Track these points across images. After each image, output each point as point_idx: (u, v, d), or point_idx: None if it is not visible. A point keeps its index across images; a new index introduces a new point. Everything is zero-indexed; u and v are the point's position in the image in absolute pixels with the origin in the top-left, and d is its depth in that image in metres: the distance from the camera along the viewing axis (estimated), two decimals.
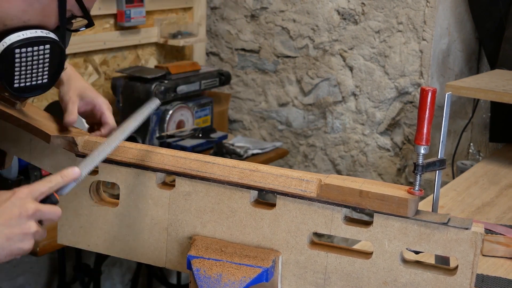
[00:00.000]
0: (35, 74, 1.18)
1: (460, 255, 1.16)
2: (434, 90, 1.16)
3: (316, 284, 1.26)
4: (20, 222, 1.05)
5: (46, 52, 1.17)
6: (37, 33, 1.15)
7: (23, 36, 1.14)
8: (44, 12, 1.16)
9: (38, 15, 1.15)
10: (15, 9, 1.13)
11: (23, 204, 1.06)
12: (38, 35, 1.15)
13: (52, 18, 1.17)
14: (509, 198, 2.20)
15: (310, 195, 1.23)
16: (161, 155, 1.33)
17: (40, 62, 1.17)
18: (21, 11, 1.13)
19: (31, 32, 1.15)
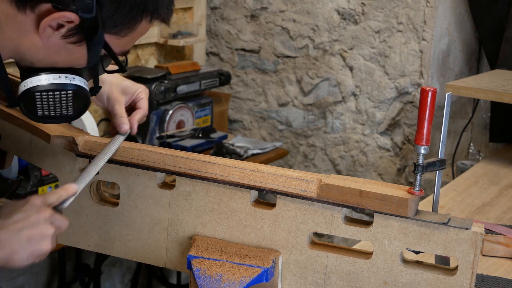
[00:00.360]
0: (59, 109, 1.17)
1: (460, 255, 1.16)
2: (434, 90, 1.17)
3: (316, 284, 1.26)
4: (38, 224, 1.08)
5: (69, 96, 1.15)
6: (60, 78, 1.14)
7: (45, 82, 1.13)
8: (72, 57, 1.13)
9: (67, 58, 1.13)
10: (42, 55, 1.12)
11: (39, 208, 1.10)
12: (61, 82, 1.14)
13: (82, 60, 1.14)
14: (509, 198, 2.20)
15: (310, 195, 1.23)
16: (161, 155, 1.33)
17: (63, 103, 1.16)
18: (47, 56, 1.12)
19: (54, 77, 1.13)
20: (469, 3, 3.02)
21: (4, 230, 1.06)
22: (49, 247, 1.09)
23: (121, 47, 1.16)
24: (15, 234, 1.06)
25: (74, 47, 1.11)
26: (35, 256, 1.08)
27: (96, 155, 1.31)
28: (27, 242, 1.07)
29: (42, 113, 1.16)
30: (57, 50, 1.11)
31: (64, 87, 1.14)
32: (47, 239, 1.09)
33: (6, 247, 1.05)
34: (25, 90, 1.13)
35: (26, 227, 1.07)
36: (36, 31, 1.08)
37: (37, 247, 1.08)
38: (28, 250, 1.07)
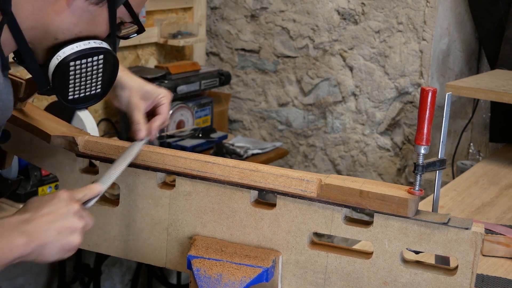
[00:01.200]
0: (89, 85, 1.16)
1: (460, 255, 1.16)
2: (434, 90, 1.17)
3: (316, 284, 1.26)
4: (67, 217, 1.08)
5: (100, 63, 1.15)
6: (90, 44, 1.13)
7: (77, 49, 1.12)
8: (94, 22, 1.13)
9: (89, 25, 1.13)
10: (66, 23, 1.11)
11: (68, 202, 1.09)
12: (92, 46, 1.13)
13: (103, 26, 1.15)
14: (509, 198, 2.20)
15: (310, 195, 1.23)
16: (161, 155, 1.33)
17: (94, 72, 1.16)
18: (72, 24, 1.11)
19: (85, 44, 1.13)
20: (469, 3, 3.02)
21: (34, 223, 1.05)
22: (78, 241, 1.09)
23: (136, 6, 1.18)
24: (46, 226, 1.05)
25: (97, 9, 1.11)
26: (65, 250, 1.08)
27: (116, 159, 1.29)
28: (57, 235, 1.06)
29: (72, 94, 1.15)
30: (81, 14, 1.11)
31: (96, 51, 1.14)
32: (77, 233, 1.08)
33: (37, 240, 1.04)
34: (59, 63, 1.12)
35: (55, 220, 1.06)
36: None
37: (67, 240, 1.07)
38: (58, 244, 1.06)
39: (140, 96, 1.41)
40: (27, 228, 1.04)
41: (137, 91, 1.41)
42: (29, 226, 1.04)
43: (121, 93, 1.41)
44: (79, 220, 1.09)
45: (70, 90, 1.15)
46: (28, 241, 1.03)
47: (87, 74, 1.15)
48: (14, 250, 1.02)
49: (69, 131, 1.41)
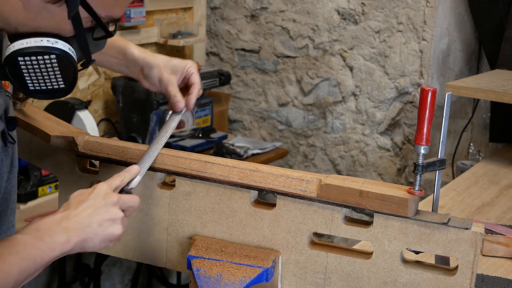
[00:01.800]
0: (48, 80, 1.14)
1: (460, 255, 1.16)
2: (434, 90, 1.16)
3: (316, 284, 1.26)
4: (107, 209, 1.11)
5: (53, 61, 1.12)
6: (42, 42, 1.10)
7: (26, 45, 1.10)
8: (55, 20, 1.10)
9: (49, 22, 1.10)
10: (23, 17, 1.09)
11: (106, 194, 1.12)
12: (42, 45, 1.10)
13: (67, 25, 1.11)
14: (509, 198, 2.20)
15: (310, 195, 1.23)
16: (161, 155, 1.33)
17: (50, 69, 1.12)
18: (29, 19, 1.09)
19: (36, 41, 1.10)
20: (469, 3, 3.02)
21: (76, 219, 1.08)
22: (120, 231, 1.12)
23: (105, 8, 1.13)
24: (86, 221, 1.08)
25: (54, 7, 1.08)
26: (108, 240, 1.11)
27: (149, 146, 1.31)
28: (98, 228, 1.09)
29: (32, 85, 1.13)
30: (37, 11, 1.09)
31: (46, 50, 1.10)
32: (117, 223, 1.11)
33: (78, 236, 1.07)
34: (7, 55, 1.10)
35: (95, 214, 1.09)
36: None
37: (108, 232, 1.10)
38: (100, 236, 1.10)
39: (169, 71, 1.43)
40: (68, 225, 1.07)
41: (165, 66, 1.43)
42: (70, 223, 1.07)
43: (150, 73, 1.43)
44: (118, 210, 1.12)
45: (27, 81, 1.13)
46: (69, 238, 1.06)
47: (42, 69, 1.12)
48: (56, 248, 1.05)
49: (69, 131, 1.41)
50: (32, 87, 1.14)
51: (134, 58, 1.46)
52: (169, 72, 1.43)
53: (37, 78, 1.13)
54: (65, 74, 1.14)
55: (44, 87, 1.14)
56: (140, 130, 2.86)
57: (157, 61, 1.43)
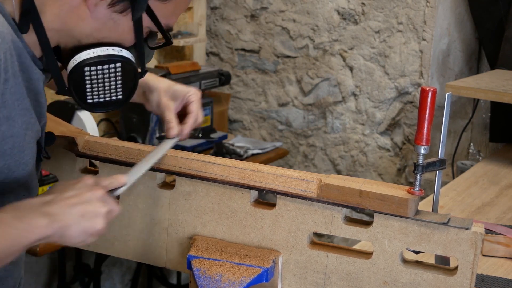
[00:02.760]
0: (108, 91, 1.17)
1: (460, 255, 1.16)
2: (434, 90, 1.17)
3: (316, 284, 1.26)
4: (91, 201, 1.07)
5: (118, 70, 1.15)
6: (108, 51, 1.14)
7: (93, 54, 1.13)
8: (118, 30, 1.14)
9: (113, 32, 1.14)
10: (88, 28, 1.12)
11: (92, 188, 1.09)
12: (109, 53, 1.14)
13: (128, 35, 1.15)
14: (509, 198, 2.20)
15: (310, 195, 1.23)
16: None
17: (112, 79, 1.16)
18: (94, 29, 1.12)
19: (102, 50, 1.13)
20: (469, 3, 3.02)
21: (56, 205, 1.05)
22: (102, 226, 1.08)
23: (166, 17, 1.17)
24: (68, 209, 1.05)
25: (120, 17, 1.12)
26: (88, 233, 1.07)
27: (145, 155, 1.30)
28: (80, 218, 1.05)
29: (91, 98, 1.16)
30: (104, 21, 1.12)
31: (113, 58, 1.14)
32: (100, 217, 1.08)
33: (58, 221, 1.04)
34: (74, 67, 1.13)
35: (79, 203, 1.06)
36: (83, 2, 1.10)
37: (90, 224, 1.06)
38: (81, 226, 1.06)
39: (169, 96, 1.42)
40: (49, 209, 1.04)
41: (166, 91, 1.42)
42: (51, 208, 1.04)
43: (150, 96, 1.43)
44: (102, 204, 1.08)
45: (88, 93, 1.15)
46: (50, 222, 1.03)
47: (105, 80, 1.15)
48: (35, 231, 1.01)
49: (69, 131, 1.41)
50: (91, 100, 1.16)
51: None
52: (169, 97, 1.42)
53: (98, 90, 1.16)
54: (125, 84, 1.18)
55: (102, 99, 1.17)
56: (140, 130, 2.86)
57: (159, 85, 1.43)
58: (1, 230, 1.00)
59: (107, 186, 1.14)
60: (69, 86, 1.15)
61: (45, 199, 1.06)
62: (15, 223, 1.01)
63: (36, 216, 1.03)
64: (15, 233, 1.00)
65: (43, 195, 1.08)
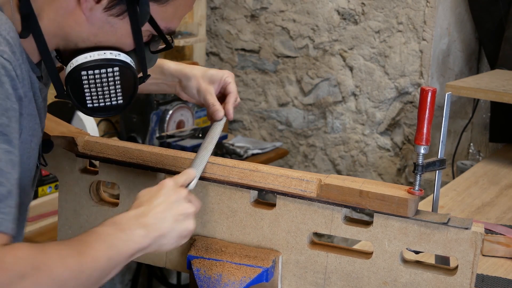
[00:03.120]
0: (108, 95, 1.15)
1: (460, 255, 1.16)
2: (434, 90, 1.17)
3: (316, 284, 1.26)
4: (179, 204, 1.08)
5: (116, 74, 1.13)
6: (105, 54, 1.12)
7: (90, 58, 1.11)
8: (117, 34, 1.12)
9: (111, 36, 1.12)
10: (85, 32, 1.10)
11: (176, 190, 1.10)
12: (106, 57, 1.12)
13: (127, 39, 1.13)
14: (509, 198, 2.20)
15: (310, 195, 1.23)
16: (161, 155, 1.33)
17: (111, 83, 1.14)
18: (91, 34, 1.11)
19: (99, 54, 1.11)
20: (469, 3, 3.02)
21: (150, 214, 1.06)
22: (193, 226, 1.09)
23: (166, 20, 1.14)
24: (162, 216, 1.06)
25: (117, 21, 1.10)
26: (182, 236, 1.09)
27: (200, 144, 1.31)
28: (174, 223, 1.07)
29: (91, 102, 1.14)
30: (100, 25, 1.10)
31: (110, 62, 1.11)
32: (190, 218, 1.09)
33: (155, 231, 1.05)
34: (71, 71, 1.11)
35: (170, 208, 1.07)
36: (78, 6, 1.08)
37: (183, 227, 1.08)
38: (176, 231, 1.07)
39: (207, 81, 1.43)
40: (145, 220, 1.05)
41: (203, 77, 1.43)
42: (147, 218, 1.05)
43: (188, 84, 1.43)
44: (190, 204, 1.10)
45: (87, 98, 1.14)
46: (147, 233, 1.04)
47: (103, 84, 1.13)
48: (134, 242, 1.02)
49: (69, 131, 1.41)
50: (91, 104, 1.14)
51: (171, 72, 1.45)
52: (207, 82, 1.43)
53: (97, 94, 1.14)
54: (125, 88, 1.15)
55: (102, 103, 1.15)
56: (140, 130, 2.86)
57: (195, 72, 1.43)
58: (106, 241, 1.00)
59: (185, 183, 1.15)
60: (67, 90, 1.13)
61: (138, 211, 1.06)
62: (118, 234, 1.01)
63: (134, 227, 1.03)
64: (119, 243, 1.01)
65: (134, 207, 1.08)
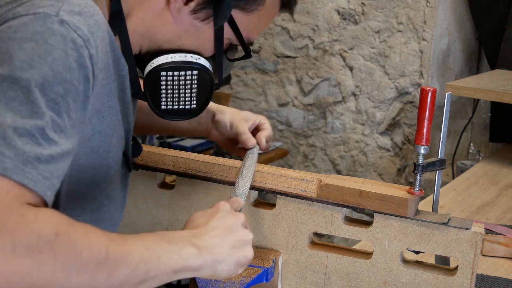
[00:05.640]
0: (183, 98, 1.15)
1: (460, 255, 1.16)
2: (434, 90, 1.17)
3: (316, 284, 1.26)
4: (237, 229, 1.02)
5: (194, 78, 1.13)
6: (186, 57, 1.12)
7: (171, 59, 1.12)
8: (200, 38, 1.13)
9: (194, 40, 1.13)
10: (170, 34, 1.11)
11: (233, 214, 1.05)
12: (187, 60, 1.12)
13: (208, 44, 1.14)
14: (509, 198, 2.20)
15: (310, 195, 1.23)
16: (161, 155, 1.33)
17: (188, 87, 1.14)
18: (176, 36, 1.12)
19: (180, 56, 1.12)
20: (469, 3, 3.02)
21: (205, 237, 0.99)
22: (252, 254, 1.03)
23: (247, 30, 1.15)
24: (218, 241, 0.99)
25: (202, 25, 1.11)
26: (240, 264, 1.01)
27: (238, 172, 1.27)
28: (231, 249, 1.00)
29: (165, 104, 1.14)
30: (185, 28, 1.11)
31: (190, 65, 1.12)
32: (248, 245, 1.03)
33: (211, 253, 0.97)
34: (151, 70, 1.12)
35: (227, 233, 1.00)
36: (167, 6, 1.09)
37: (242, 254, 1.01)
38: (233, 258, 1.00)
39: (241, 117, 1.42)
40: (199, 242, 0.97)
41: (238, 113, 1.43)
42: (201, 241, 0.98)
43: (221, 117, 1.43)
44: (248, 231, 1.04)
45: (162, 99, 1.14)
46: (200, 253, 0.96)
47: (180, 86, 1.13)
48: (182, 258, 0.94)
49: None
50: (165, 106, 1.15)
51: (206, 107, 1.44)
52: (242, 119, 1.42)
53: (172, 96, 1.14)
54: (201, 93, 1.15)
55: (176, 107, 1.15)
56: None
57: (229, 109, 1.44)
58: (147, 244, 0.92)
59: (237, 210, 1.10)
60: (145, 90, 1.14)
61: (193, 232, 0.99)
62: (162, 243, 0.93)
63: (186, 245, 0.96)
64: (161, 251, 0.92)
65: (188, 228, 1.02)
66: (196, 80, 1.14)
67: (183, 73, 1.13)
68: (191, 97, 1.15)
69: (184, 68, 1.12)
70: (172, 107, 1.15)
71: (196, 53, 1.14)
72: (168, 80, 1.13)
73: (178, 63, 1.12)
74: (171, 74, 1.12)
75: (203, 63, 1.14)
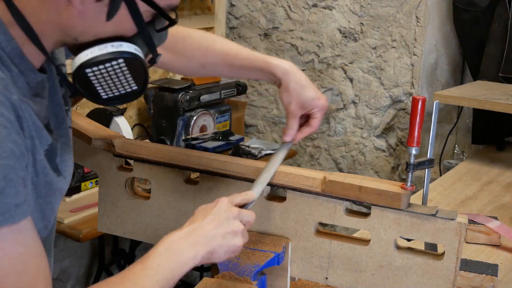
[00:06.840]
0: (120, 84, 0.99)
1: (447, 242, 1.16)
2: (424, 98, 1.16)
3: (321, 267, 1.26)
4: (229, 222, 1.05)
5: (121, 66, 0.97)
6: (106, 48, 0.95)
7: (91, 55, 0.95)
8: (115, 22, 0.95)
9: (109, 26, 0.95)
10: (81, 26, 0.94)
11: (228, 208, 1.07)
12: (108, 51, 0.95)
13: (128, 24, 0.96)
14: (489, 193, 2.18)
15: (316, 190, 1.23)
16: (187, 155, 1.33)
17: (120, 74, 0.98)
18: (87, 27, 0.94)
19: (100, 48, 0.95)
20: (454, 23, 3.00)
21: (201, 232, 1.03)
22: (241, 242, 1.06)
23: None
24: (211, 234, 1.03)
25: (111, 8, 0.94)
26: (231, 251, 1.05)
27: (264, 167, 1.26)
28: (222, 240, 1.03)
29: (105, 94, 0.99)
30: (94, 16, 0.93)
31: (112, 56, 0.95)
32: (238, 235, 1.06)
33: (205, 248, 1.02)
34: (75, 70, 0.96)
35: (219, 226, 1.04)
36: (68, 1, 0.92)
37: (231, 243, 1.04)
38: (224, 247, 1.04)
39: (299, 103, 1.30)
40: (195, 238, 1.02)
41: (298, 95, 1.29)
42: (197, 236, 1.02)
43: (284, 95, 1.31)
44: (239, 223, 1.06)
45: (99, 91, 0.98)
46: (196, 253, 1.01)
47: (111, 76, 0.97)
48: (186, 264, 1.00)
49: (107, 135, 1.41)
50: (105, 95, 1.00)
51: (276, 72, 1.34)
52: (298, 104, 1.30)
53: (108, 86, 0.98)
54: (135, 75, 0.99)
55: (117, 93, 1.00)
56: (168, 133, 2.87)
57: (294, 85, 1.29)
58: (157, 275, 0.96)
59: (240, 203, 1.12)
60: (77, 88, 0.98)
61: (190, 228, 1.03)
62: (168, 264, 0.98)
63: (184, 250, 1.00)
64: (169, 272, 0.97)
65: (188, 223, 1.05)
66: (125, 67, 0.97)
67: (108, 64, 0.96)
68: (127, 80, 0.99)
69: (108, 60, 0.95)
70: (113, 94, 1.00)
71: (117, 38, 0.96)
72: (97, 75, 0.96)
73: (99, 57, 0.95)
74: (97, 68, 0.95)
75: (126, 49, 0.96)
